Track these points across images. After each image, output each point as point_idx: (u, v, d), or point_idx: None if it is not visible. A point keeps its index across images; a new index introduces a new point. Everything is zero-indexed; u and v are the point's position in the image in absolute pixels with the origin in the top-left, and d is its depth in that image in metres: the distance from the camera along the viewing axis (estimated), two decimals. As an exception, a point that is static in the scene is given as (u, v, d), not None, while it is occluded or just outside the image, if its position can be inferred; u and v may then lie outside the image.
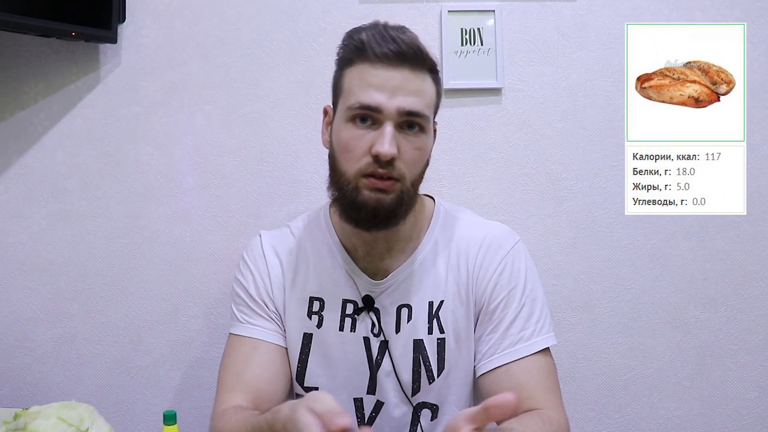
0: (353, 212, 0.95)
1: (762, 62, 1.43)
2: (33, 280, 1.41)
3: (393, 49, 0.92)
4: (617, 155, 1.43)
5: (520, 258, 1.04)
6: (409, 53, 0.93)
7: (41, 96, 1.40)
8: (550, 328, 1.03)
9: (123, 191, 1.42)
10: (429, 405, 1.04)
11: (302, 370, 1.05)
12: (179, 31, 1.41)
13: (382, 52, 0.92)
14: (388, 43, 0.93)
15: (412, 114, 0.93)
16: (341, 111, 0.96)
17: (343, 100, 0.96)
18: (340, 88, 0.98)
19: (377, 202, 0.93)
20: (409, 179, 0.96)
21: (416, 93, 0.94)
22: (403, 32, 0.95)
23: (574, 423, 1.38)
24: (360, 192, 0.94)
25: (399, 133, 0.94)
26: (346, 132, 0.95)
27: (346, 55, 0.97)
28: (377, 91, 0.92)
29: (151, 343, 1.43)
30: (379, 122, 0.93)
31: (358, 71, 0.95)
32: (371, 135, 0.93)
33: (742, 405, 1.45)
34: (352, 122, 0.94)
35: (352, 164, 0.94)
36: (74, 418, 0.91)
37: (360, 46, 0.94)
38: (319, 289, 1.05)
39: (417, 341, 1.03)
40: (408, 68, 0.93)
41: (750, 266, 1.44)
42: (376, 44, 0.93)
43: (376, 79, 0.93)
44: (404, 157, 0.94)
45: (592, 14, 1.42)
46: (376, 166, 0.92)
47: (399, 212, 0.96)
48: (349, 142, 0.94)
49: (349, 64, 0.96)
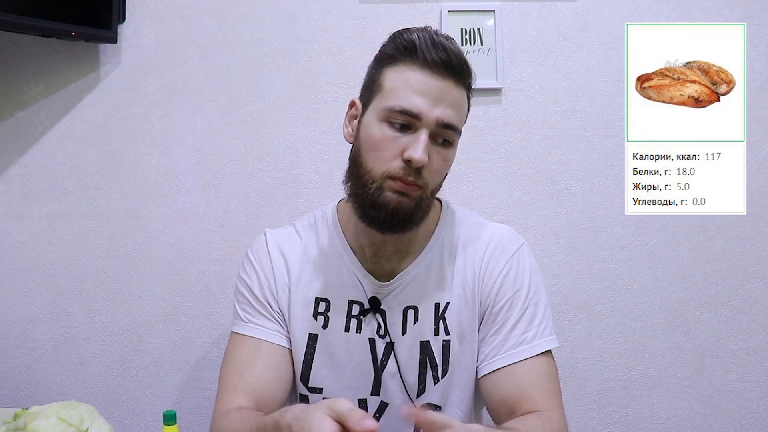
0: (372, 211, 0.95)
1: (762, 62, 1.43)
2: (33, 280, 1.41)
3: (442, 57, 0.92)
4: (617, 155, 1.43)
5: (525, 260, 1.04)
6: (456, 64, 0.93)
7: (41, 96, 1.40)
8: (552, 330, 1.02)
9: (123, 191, 1.42)
10: (433, 406, 1.04)
11: (307, 370, 1.05)
12: (179, 31, 1.41)
13: (431, 57, 0.92)
14: (439, 50, 0.92)
15: (448, 126, 0.93)
16: (377, 108, 0.95)
17: (382, 98, 0.95)
18: (378, 84, 0.96)
19: (398, 205, 0.93)
20: (431, 188, 0.97)
21: (455, 106, 0.94)
22: (452, 42, 0.95)
23: (574, 423, 1.38)
24: (383, 192, 0.93)
25: (431, 142, 0.93)
26: (379, 131, 0.94)
27: (391, 52, 0.96)
28: (420, 97, 0.91)
29: (151, 343, 1.43)
30: (415, 128, 0.92)
31: (402, 72, 0.93)
32: (405, 139, 0.92)
33: (742, 405, 1.45)
34: (387, 122, 0.93)
35: (380, 164, 0.93)
36: (74, 418, 0.91)
37: (409, 46, 0.93)
38: (324, 289, 1.05)
39: (423, 343, 1.03)
40: (452, 79, 0.93)
41: (750, 266, 1.44)
42: (426, 48, 0.92)
43: (420, 84, 0.92)
44: (432, 166, 0.94)
45: (592, 14, 1.42)
46: (406, 171, 0.92)
47: (416, 217, 0.96)
48: (381, 142, 0.93)
49: (393, 62, 0.95)
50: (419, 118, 0.92)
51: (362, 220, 0.97)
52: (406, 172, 0.92)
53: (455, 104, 0.94)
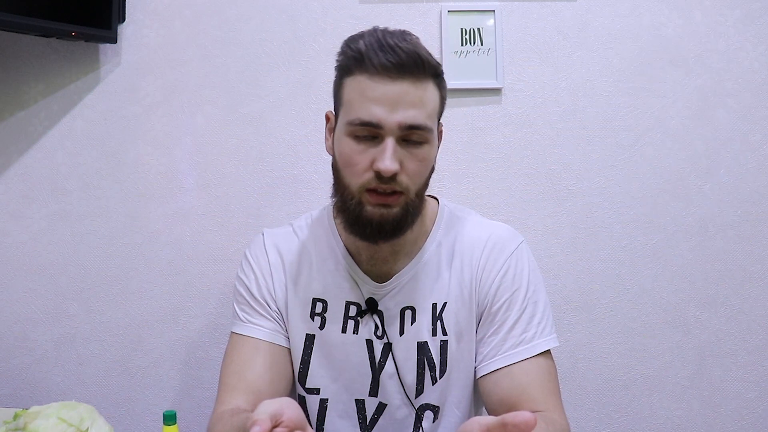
0: (358, 227, 0.94)
1: (762, 62, 1.43)
2: (33, 280, 1.41)
3: (392, 59, 0.88)
4: (617, 155, 1.43)
5: (523, 259, 1.03)
6: (409, 63, 0.89)
7: (41, 96, 1.40)
8: (552, 329, 1.02)
9: (123, 191, 1.42)
10: (431, 407, 1.04)
11: (304, 370, 1.05)
12: (179, 31, 1.41)
13: (380, 63, 0.89)
14: (387, 53, 0.88)
15: (413, 127, 0.91)
16: (342, 123, 0.94)
17: (344, 113, 0.94)
18: (340, 98, 0.95)
19: (381, 217, 0.92)
20: (414, 191, 0.94)
21: (417, 105, 0.91)
22: (404, 39, 0.91)
23: (574, 423, 1.38)
24: (364, 207, 0.92)
25: (401, 146, 0.91)
26: (347, 146, 0.93)
27: (344, 63, 0.93)
28: (377, 106, 0.89)
29: (151, 343, 1.43)
30: (380, 137, 0.91)
31: (356, 83, 0.91)
32: (373, 150, 0.91)
33: (742, 405, 1.45)
34: (352, 136, 0.92)
35: (355, 178, 0.92)
36: (74, 418, 0.91)
37: (358, 56, 0.90)
38: (322, 290, 1.05)
39: (421, 343, 1.02)
40: (408, 80, 0.90)
41: (750, 266, 1.44)
42: (374, 55, 0.89)
43: (375, 92, 0.89)
44: (407, 170, 0.92)
45: (592, 14, 1.42)
46: (379, 181, 0.90)
47: (405, 224, 0.95)
48: (351, 157, 0.92)
49: (348, 73, 0.93)
50: (380, 126, 0.90)
51: (351, 234, 0.97)
52: (380, 181, 0.91)
53: (417, 103, 0.91)
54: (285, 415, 0.70)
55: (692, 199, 1.44)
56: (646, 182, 1.44)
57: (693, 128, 1.43)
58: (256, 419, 0.67)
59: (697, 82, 1.43)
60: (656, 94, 1.43)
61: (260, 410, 0.69)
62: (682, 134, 1.43)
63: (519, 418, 0.63)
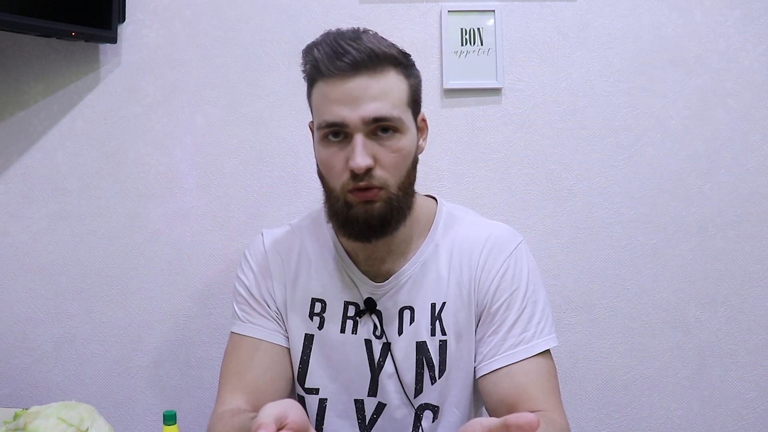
0: (347, 227, 0.96)
1: (762, 62, 1.43)
2: (33, 280, 1.41)
3: (346, 60, 0.90)
4: (617, 155, 1.43)
5: (522, 259, 1.03)
6: (362, 60, 0.90)
7: (41, 96, 1.40)
8: (551, 329, 1.02)
9: (123, 191, 1.42)
10: (431, 406, 1.04)
11: (303, 370, 1.05)
12: (179, 31, 1.41)
13: (335, 67, 0.91)
14: (340, 56, 0.90)
15: (379, 119, 0.91)
16: (315, 131, 0.98)
17: (315, 120, 0.97)
18: (310, 106, 1.00)
19: (366, 213, 0.93)
20: (395, 183, 0.94)
21: (379, 97, 0.91)
22: (356, 38, 0.92)
23: (574, 423, 1.38)
24: (350, 207, 0.94)
25: (373, 140, 0.92)
26: (323, 151, 0.96)
27: (307, 74, 0.98)
28: (338, 106, 0.91)
29: (151, 343, 1.43)
30: (349, 136, 0.92)
31: (319, 89, 0.95)
32: (345, 150, 0.93)
33: (742, 405, 1.45)
34: (325, 141, 0.95)
35: (335, 181, 0.95)
36: (74, 418, 0.91)
37: (315, 64, 0.93)
38: (320, 290, 1.05)
39: (420, 343, 1.02)
40: (365, 74, 0.91)
41: (750, 266, 1.44)
42: (328, 60, 0.91)
43: (335, 93, 0.92)
44: (383, 163, 0.93)
45: (592, 14, 1.42)
46: (355, 180, 0.92)
47: (391, 219, 0.95)
48: (327, 161, 0.95)
49: (312, 83, 0.97)
50: (345, 125, 0.92)
51: (344, 236, 0.99)
52: (356, 180, 0.92)
53: (379, 95, 0.91)
54: (289, 417, 0.70)
55: (692, 199, 1.44)
56: (646, 182, 1.43)
57: (693, 128, 1.43)
58: (261, 422, 0.67)
59: (697, 82, 1.43)
60: (656, 94, 1.43)
61: (264, 413, 0.69)
62: (682, 134, 1.43)
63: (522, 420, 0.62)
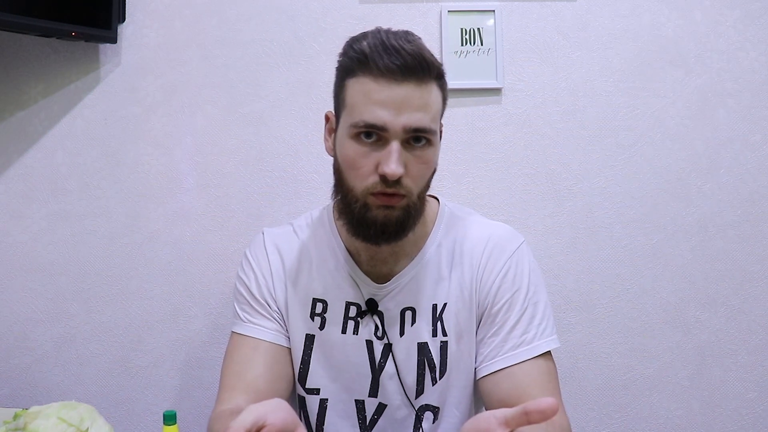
0: (362, 229, 0.94)
1: (762, 62, 1.43)
2: (33, 280, 1.41)
3: (397, 62, 0.87)
4: (617, 155, 1.43)
5: (523, 260, 1.03)
6: (413, 65, 0.88)
7: (41, 96, 1.40)
8: (552, 330, 1.02)
9: (123, 191, 1.42)
10: (431, 407, 1.04)
11: (304, 371, 1.04)
12: (179, 31, 1.41)
13: (385, 65, 0.87)
14: (392, 55, 0.87)
15: (418, 130, 0.90)
16: (345, 125, 0.93)
17: (347, 114, 0.92)
18: (342, 99, 0.94)
19: (385, 218, 0.92)
20: (416, 193, 0.94)
21: (422, 108, 0.90)
22: (407, 40, 0.89)
23: (574, 423, 1.38)
24: (369, 209, 0.92)
25: (405, 148, 0.91)
26: (351, 149, 0.92)
27: (347, 64, 0.92)
28: (381, 109, 0.88)
29: (151, 343, 1.43)
30: (384, 140, 0.90)
31: (360, 85, 0.90)
32: (377, 153, 0.90)
33: (742, 405, 1.45)
34: (356, 139, 0.91)
35: (359, 182, 0.92)
36: (74, 418, 0.91)
37: (362, 57, 0.89)
38: (322, 291, 1.05)
39: (421, 344, 1.02)
40: (413, 82, 0.89)
41: (750, 266, 1.44)
42: (378, 56, 0.88)
43: (380, 95, 0.88)
44: (411, 173, 0.92)
45: (592, 14, 1.42)
46: (384, 185, 0.90)
47: (407, 225, 0.95)
48: (355, 160, 0.92)
49: (351, 74, 0.92)
50: (385, 129, 0.89)
51: (354, 236, 0.97)
52: (385, 185, 0.90)
53: (422, 106, 0.90)
54: (268, 420, 0.68)
55: (692, 199, 1.44)
56: (646, 182, 1.43)
57: (693, 128, 1.43)
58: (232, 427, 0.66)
59: (697, 82, 1.43)
60: (656, 94, 1.43)
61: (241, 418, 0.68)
62: (682, 134, 1.43)
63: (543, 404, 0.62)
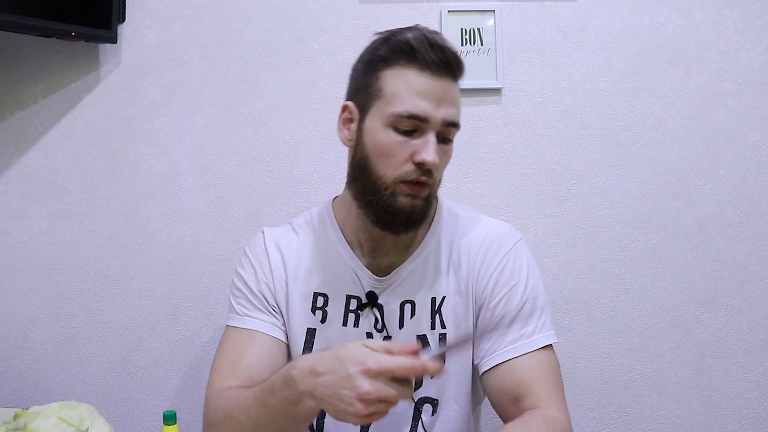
0: (387, 217, 0.96)
1: (762, 62, 1.43)
2: (33, 280, 1.41)
3: (441, 57, 0.93)
4: (617, 155, 1.43)
5: (521, 256, 1.04)
6: (454, 63, 0.95)
7: (41, 96, 1.40)
8: (551, 326, 1.03)
9: (123, 191, 1.42)
10: (430, 400, 1.04)
11: None
12: (179, 31, 1.41)
13: (431, 58, 0.93)
14: (436, 50, 0.93)
15: (451, 124, 0.96)
16: (381, 114, 0.95)
17: (385, 103, 0.95)
18: (377, 89, 0.96)
19: (411, 207, 0.96)
20: (437, 185, 1.00)
21: (455, 104, 0.97)
22: (444, 40, 0.96)
23: (575, 423, 1.38)
24: (396, 198, 0.95)
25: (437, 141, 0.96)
26: (386, 137, 0.94)
27: (385, 54, 0.95)
28: (424, 100, 0.93)
29: (151, 343, 1.43)
30: (422, 130, 0.94)
31: (402, 75, 0.94)
32: (413, 142, 0.94)
33: (742, 405, 1.45)
34: (394, 128, 0.94)
35: (392, 170, 0.94)
36: (74, 418, 0.91)
37: (406, 48, 0.93)
38: (322, 284, 1.06)
39: (420, 337, 1.04)
40: (450, 78, 0.95)
41: (750, 266, 1.44)
42: (425, 50, 0.93)
43: (424, 86, 0.93)
44: (439, 165, 0.96)
45: (592, 14, 1.42)
46: (419, 173, 0.94)
47: (426, 215, 0.99)
48: (390, 148, 0.94)
49: (389, 65, 0.95)
50: (426, 120, 0.93)
51: (377, 225, 0.98)
52: (419, 173, 0.94)
53: (455, 102, 0.97)
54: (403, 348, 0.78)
55: (692, 199, 1.44)
56: (646, 182, 1.44)
57: (693, 128, 1.43)
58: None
59: (697, 82, 1.43)
60: (656, 94, 1.43)
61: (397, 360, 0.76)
62: (682, 134, 1.43)
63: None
